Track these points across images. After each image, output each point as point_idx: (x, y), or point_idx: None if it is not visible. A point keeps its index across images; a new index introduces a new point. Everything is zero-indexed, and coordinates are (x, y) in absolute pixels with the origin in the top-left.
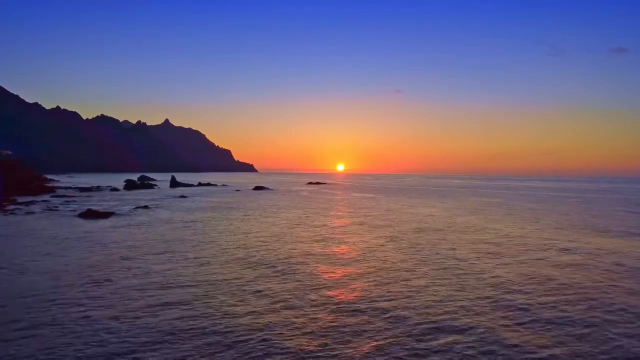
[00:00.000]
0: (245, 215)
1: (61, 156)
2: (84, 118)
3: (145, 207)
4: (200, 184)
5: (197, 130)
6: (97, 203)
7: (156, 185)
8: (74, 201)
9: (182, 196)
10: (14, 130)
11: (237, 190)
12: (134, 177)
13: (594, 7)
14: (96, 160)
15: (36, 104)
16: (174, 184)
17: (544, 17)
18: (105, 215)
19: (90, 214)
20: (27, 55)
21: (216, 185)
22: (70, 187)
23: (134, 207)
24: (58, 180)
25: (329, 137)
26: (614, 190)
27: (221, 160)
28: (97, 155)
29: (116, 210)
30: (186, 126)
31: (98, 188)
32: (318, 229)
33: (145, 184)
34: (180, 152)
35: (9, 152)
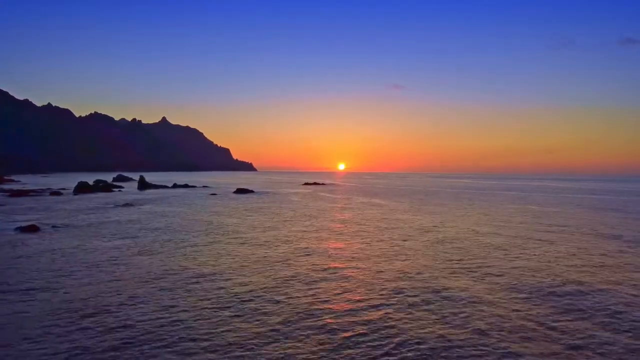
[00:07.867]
0: (166, 253)
1: (53, 155)
2: (77, 116)
3: (31, 228)
4: (175, 186)
5: (195, 129)
6: None
7: (121, 188)
8: None
9: (128, 204)
10: (3, 128)
11: (212, 194)
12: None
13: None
14: (90, 159)
15: (27, 100)
16: (143, 185)
17: (547, 13)
18: None
19: None
20: (18, 50)
21: (195, 186)
22: (11, 190)
23: (16, 227)
24: (18, 181)
25: (330, 136)
26: None
27: (220, 159)
28: (91, 154)
29: None
30: (184, 124)
31: (47, 190)
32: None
33: (107, 184)
34: (178, 151)
35: None
